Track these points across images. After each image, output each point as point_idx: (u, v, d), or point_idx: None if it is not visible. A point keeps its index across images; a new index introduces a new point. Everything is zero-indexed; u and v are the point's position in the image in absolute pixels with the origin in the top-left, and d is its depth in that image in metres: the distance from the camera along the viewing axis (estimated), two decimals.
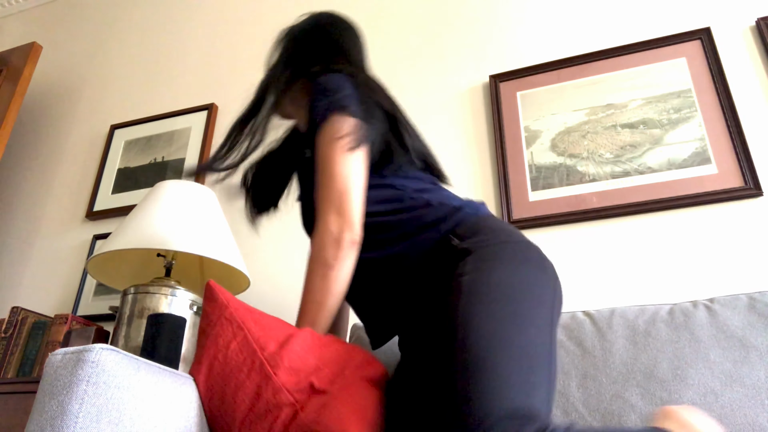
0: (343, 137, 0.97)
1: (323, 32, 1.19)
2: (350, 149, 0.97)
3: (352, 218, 0.94)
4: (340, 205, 0.94)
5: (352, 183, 0.96)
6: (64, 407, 0.66)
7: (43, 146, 2.46)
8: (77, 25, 2.75)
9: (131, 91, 2.40)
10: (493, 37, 1.88)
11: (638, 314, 1.18)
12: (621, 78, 1.66)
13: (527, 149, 1.67)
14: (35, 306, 2.04)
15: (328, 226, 0.94)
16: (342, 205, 0.94)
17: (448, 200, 0.98)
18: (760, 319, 1.09)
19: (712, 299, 1.17)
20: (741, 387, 1.02)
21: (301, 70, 1.14)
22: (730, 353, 1.06)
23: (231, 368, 0.82)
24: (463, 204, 0.98)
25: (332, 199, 0.95)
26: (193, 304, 1.43)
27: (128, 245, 1.38)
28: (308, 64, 1.14)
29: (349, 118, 0.98)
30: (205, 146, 2.06)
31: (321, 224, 0.95)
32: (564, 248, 1.52)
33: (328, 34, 1.19)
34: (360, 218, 0.95)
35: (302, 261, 1.76)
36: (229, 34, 2.33)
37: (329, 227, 0.94)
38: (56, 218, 2.23)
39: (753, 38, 1.58)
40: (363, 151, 0.99)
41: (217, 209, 1.58)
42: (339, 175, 0.96)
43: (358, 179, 0.97)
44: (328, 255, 0.93)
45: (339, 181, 0.96)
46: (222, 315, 0.88)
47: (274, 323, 0.88)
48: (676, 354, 1.09)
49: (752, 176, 1.42)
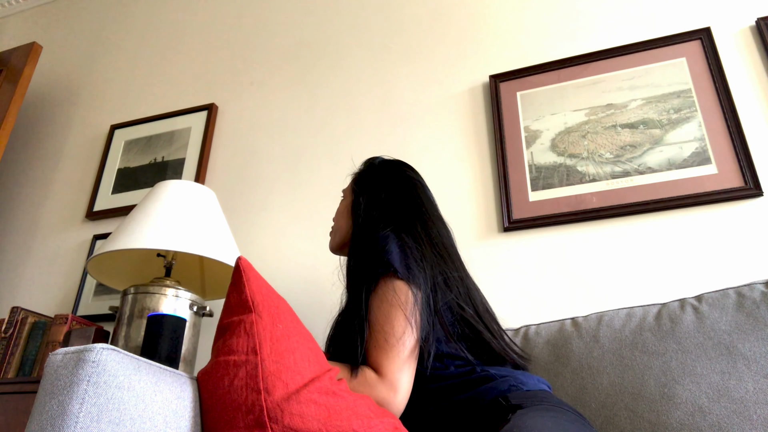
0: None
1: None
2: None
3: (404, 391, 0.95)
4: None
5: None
6: (64, 407, 0.66)
7: (43, 146, 2.46)
8: (77, 25, 2.75)
9: (131, 91, 2.40)
10: (493, 37, 1.88)
11: (625, 322, 1.16)
12: (621, 78, 1.66)
13: (527, 149, 1.67)
14: (35, 306, 2.04)
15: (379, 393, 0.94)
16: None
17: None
18: (748, 319, 1.07)
19: (700, 297, 1.15)
20: (729, 401, 1.00)
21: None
22: (718, 364, 1.04)
23: (231, 399, 0.77)
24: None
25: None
26: (193, 304, 1.43)
27: (128, 245, 1.38)
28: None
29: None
30: (205, 146, 2.06)
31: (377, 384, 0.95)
32: (564, 248, 1.52)
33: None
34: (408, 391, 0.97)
35: (302, 262, 1.76)
36: (229, 34, 2.33)
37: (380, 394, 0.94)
38: (56, 218, 2.23)
39: (753, 38, 1.58)
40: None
41: (217, 209, 1.58)
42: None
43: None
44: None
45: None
46: (242, 323, 0.82)
47: (297, 352, 0.81)
48: (663, 369, 1.07)
49: (752, 176, 1.42)
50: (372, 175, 1.25)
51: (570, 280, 1.47)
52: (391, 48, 2.01)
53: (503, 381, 0.95)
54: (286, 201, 1.89)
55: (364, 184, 1.22)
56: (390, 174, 1.24)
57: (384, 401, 0.92)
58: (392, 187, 1.20)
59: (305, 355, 0.83)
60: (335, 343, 1.13)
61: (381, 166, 1.27)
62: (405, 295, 0.98)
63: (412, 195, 1.19)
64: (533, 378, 0.99)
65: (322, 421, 0.76)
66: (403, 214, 1.13)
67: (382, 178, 1.23)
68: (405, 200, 1.17)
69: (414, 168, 1.30)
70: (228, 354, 0.81)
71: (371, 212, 1.15)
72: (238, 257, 0.90)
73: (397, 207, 1.15)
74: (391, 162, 1.29)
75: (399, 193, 1.19)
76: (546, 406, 0.88)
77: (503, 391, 0.93)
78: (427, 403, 0.98)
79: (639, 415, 1.04)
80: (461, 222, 1.64)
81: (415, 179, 1.24)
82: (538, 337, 1.25)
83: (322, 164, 1.90)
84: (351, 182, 1.28)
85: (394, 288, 0.98)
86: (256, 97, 2.13)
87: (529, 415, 0.83)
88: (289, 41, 2.19)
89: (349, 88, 2.00)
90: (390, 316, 0.97)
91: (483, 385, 0.94)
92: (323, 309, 1.60)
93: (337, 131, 1.94)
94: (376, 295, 0.99)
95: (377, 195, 1.18)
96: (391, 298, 0.98)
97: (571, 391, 1.13)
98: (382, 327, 0.97)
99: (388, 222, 1.11)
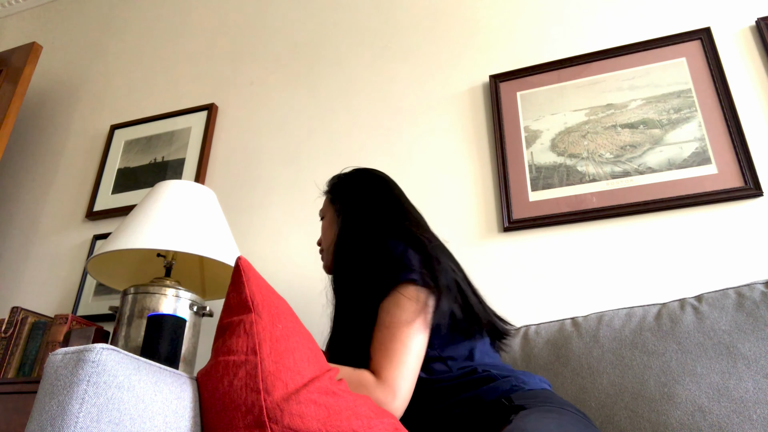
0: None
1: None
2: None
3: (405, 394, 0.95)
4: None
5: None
6: (64, 407, 0.66)
7: (43, 146, 2.46)
8: (77, 25, 2.75)
9: (131, 91, 2.40)
10: (493, 37, 1.88)
11: (625, 322, 1.16)
12: (621, 78, 1.66)
13: (527, 149, 1.67)
14: (35, 306, 2.04)
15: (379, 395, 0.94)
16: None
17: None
18: (748, 319, 1.07)
19: (700, 297, 1.15)
20: (729, 401, 1.00)
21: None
22: (717, 364, 1.04)
23: (231, 399, 0.77)
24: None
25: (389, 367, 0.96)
26: (193, 304, 1.43)
27: (128, 245, 1.38)
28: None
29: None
30: (205, 146, 2.06)
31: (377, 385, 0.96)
32: (564, 248, 1.52)
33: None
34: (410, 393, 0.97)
35: (302, 262, 1.76)
36: (229, 34, 2.33)
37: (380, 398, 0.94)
38: (56, 218, 2.23)
39: (753, 38, 1.58)
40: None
41: (217, 209, 1.58)
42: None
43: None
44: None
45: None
46: (242, 323, 0.82)
47: (297, 352, 0.81)
48: (663, 369, 1.07)
49: (752, 176, 1.42)
50: (345, 184, 1.28)
51: (570, 280, 1.47)
52: (391, 48, 2.01)
53: (505, 381, 0.95)
54: (286, 201, 1.89)
55: (341, 195, 1.26)
56: (360, 178, 1.28)
57: (380, 404, 0.92)
58: (367, 189, 1.24)
59: (305, 355, 0.83)
60: (334, 351, 1.13)
61: (350, 174, 1.31)
62: (422, 302, 0.99)
63: (388, 192, 1.24)
64: (535, 377, 0.99)
65: (321, 421, 0.75)
66: (390, 214, 1.16)
67: (355, 184, 1.27)
68: (384, 199, 1.21)
69: (376, 169, 1.34)
70: (228, 354, 0.81)
71: (358, 218, 1.17)
72: (237, 257, 0.90)
73: (380, 208, 1.18)
74: (357, 169, 1.33)
75: (376, 194, 1.22)
76: (549, 408, 0.88)
77: (506, 392, 0.93)
78: (428, 403, 0.98)
79: (639, 415, 1.04)
80: (461, 222, 1.64)
81: (382, 176, 1.29)
82: (538, 337, 1.25)
83: (322, 164, 1.90)
84: (326, 199, 1.31)
85: (414, 295, 0.99)
86: (256, 97, 2.13)
87: (532, 417, 0.83)
88: (289, 41, 2.19)
89: (349, 88, 2.00)
90: (401, 322, 0.97)
91: (485, 385, 0.94)
92: (323, 309, 1.60)
93: (337, 131, 1.94)
94: (390, 300, 1.00)
95: (356, 201, 1.21)
96: (405, 303, 0.98)
97: (571, 391, 1.13)
98: (391, 332, 0.97)
99: (378, 224, 1.13)
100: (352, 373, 0.96)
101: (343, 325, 1.11)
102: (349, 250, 1.14)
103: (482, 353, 1.05)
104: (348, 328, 1.08)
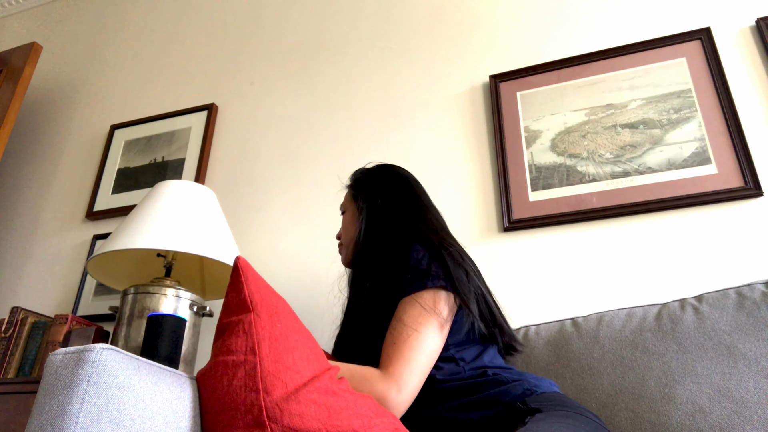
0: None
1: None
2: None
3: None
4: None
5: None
6: (64, 407, 0.66)
7: (43, 146, 2.46)
8: (77, 25, 2.75)
9: (131, 91, 2.40)
10: (493, 37, 1.88)
11: (625, 322, 1.16)
12: (621, 78, 1.66)
13: (527, 149, 1.67)
14: (35, 306, 2.04)
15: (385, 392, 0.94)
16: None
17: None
18: (749, 319, 1.07)
19: (700, 297, 1.15)
20: (729, 402, 1.00)
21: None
22: (718, 364, 1.04)
23: (230, 399, 0.76)
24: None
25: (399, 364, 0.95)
26: (193, 304, 1.43)
27: (128, 245, 1.38)
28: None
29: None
30: (205, 146, 2.06)
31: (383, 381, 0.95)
32: (564, 248, 1.52)
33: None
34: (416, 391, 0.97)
35: (301, 261, 1.76)
36: (229, 34, 2.33)
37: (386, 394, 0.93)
38: (56, 218, 2.23)
39: (753, 38, 1.58)
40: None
41: (217, 209, 1.58)
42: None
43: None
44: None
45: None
46: (241, 323, 0.82)
47: (296, 351, 0.81)
48: (664, 369, 1.07)
49: (752, 176, 1.42)
50: (368, 181, 1.27)
51: (570, 280, 1.47)
52: (391, 48, 2.01)
53: (517, 385, 0.95)
54: (285, 201, 1.89)
55: (364, 191, 1.24)
56: (384, 176, 1.27)
57: (381, 396, 0.91)
58: (390, 188, 1.22)
59: (305, 355, 0.83)
60: (342, 343, 1.13)
61: (373, 171, 1.30)
62: (447, 308, 0.99)
63: (410, 192, 1.23)
64: (545, 381, 0.99)
65: (321, 420, 0.75)
66: (412, 216, 1.15)
67: (378, 181, 1.25)
68: (407, 199, 1.20)
69: (400, 166, 1.33)
70: (227, 354, 0.81)
71: (381, 218, 1.17)
72: (236, 257, 0.89)
73: (402, 208, 1.17)
74: (381, 165, 1.32)
75: (398, 192, 1.21)
76: (566, 412, 0.88)
77: (518, 396, 0.93)
78: (435, 403, 0.97)
79: (639, 416, 1.04)
80: (461, 222, 1.64)
81: (406, 175, 1.28)
82: (538, 337, 1.25)
83: (322, 164, 1.90)
84: (348, 194, 1.30)
85: (438, 299, 0.99)
86: (256, 97, 2.13)
87: (547, 421, 0.83)
88: (289, 41, 2.19)
89: (349, 88, 2.00)
90: (419, 322, 0.97)
91: (496, 387, 0.94)
92: (323, 308, 1.60)
93: (337, 131, 1.94)
94: (412, 301, 1.00)
95: (379, 198, 1.20)
96: (427, 305, 0.98)
97: (572, 392, 1.13)
98: (406, 330, 0.97)
99: (401, 226, 1.13)
100: (356, 369, 0.95)
101: (356, 319, 1.11)
102: (371, 250, 1.14)
103: (491, 356, 1.05)
104: (360, 322, 1.08)
